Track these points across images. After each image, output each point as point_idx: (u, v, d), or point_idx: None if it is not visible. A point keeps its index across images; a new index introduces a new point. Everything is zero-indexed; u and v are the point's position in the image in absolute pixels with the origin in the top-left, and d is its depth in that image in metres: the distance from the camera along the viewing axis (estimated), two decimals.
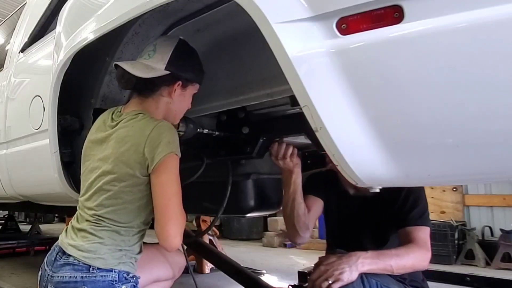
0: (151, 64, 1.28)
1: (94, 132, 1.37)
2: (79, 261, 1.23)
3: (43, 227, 6.02)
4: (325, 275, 1.29)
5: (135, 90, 1.35)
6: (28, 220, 8.09)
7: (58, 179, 1.78)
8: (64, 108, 1.69)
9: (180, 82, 1.33)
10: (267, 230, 5.40)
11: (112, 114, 1.36)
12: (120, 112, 1.35)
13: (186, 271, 1.68)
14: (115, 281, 1.23)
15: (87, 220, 1.28)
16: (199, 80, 1.40)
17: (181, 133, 1.50)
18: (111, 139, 1.29)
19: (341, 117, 0.83)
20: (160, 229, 1.20)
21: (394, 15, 0.76)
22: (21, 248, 4.46)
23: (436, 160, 0.84)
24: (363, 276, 1.31)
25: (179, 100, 1.36)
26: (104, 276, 1.22)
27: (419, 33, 0.74)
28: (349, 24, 0.80)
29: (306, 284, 2.44)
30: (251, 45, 1.37)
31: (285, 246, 5.07)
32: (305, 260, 4.08)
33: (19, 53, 2.58)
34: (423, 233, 1.45)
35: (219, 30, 1.43)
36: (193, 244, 2.74)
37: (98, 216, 1.26)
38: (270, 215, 5.15)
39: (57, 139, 1.70)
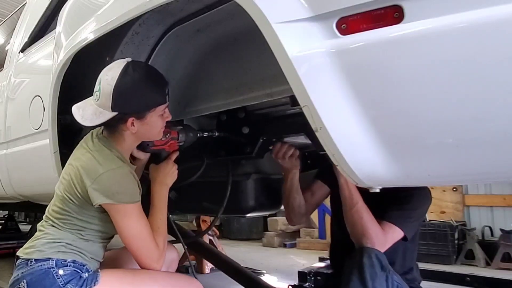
0: (99, 108, 1.24)
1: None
2: (21, 259, 1.29)
3: None
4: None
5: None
6: (28, 220, 8.09)
7: (58, 179, 1.78)
8: (64, 108, 1.69)
9: (132, 118, 1.26)
10: (267, 230, 5.39)
11: (95, 133, 1.37)
12: (101, 133, 1.36)
13: (186, 271, 1.68)
14: (52, 267, 1.24)
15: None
16: (156, 104, 1.28)
17: (181, 143, 1.50)
18: (77, 157, 1.32)
19: (341, 117, 0.83)
20: (136, 261, 1.30)
21: (394, 15, 0.76)
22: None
23: (436, 160, 0.84)
24: (388, 276, 1.31)
25: (144, 129, 1.30)
26: (41, 265, 1.25)
27: (419, 33, 0.74)
28: (349, 24, 0.80)
29: (307, 284, 2.44)
30: (251, 45, 1.37)
31: (285, 246, 5.07)
32: (305, 260, 4.08)
33: (19, 53, 2.58)
34: (392, 231, 1.43)
35: (219, 30, 1.43)
36: (193, 244, 2.73)
37: (48, 217, 1.35)
38: (270, 215, 5.14)
39: (57, 139, 1.71)
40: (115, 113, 1.23)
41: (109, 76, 1.23)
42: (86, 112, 1.26)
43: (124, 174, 1.27)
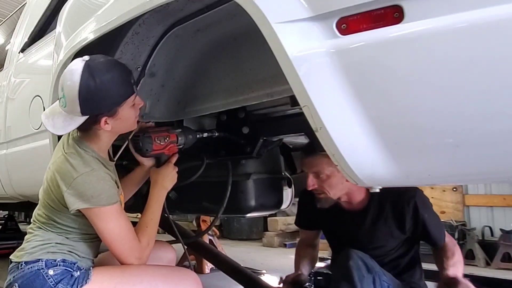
0: (69, 114, 1.22)
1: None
2: (13, 262, 1.29)
3: None
4: None
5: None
6: (28, 220, 8.09)
7: None
8: None
9: (105, 118, 1.24)
10: (267, 230, 5.39)
11: (71, 135, 1.35)
12: (77, 135, 1.34)
13: None
14: (42, 268, 1.24)
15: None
16: (125, 97, 1.25)
17: (181, 146, 1.51)
18: (54, 160, 1.32)
19: (341, 117, 0.83)
20: (117, 259, 1.29)
21: (394, 15, 0.76)
22: None
23: (436, 160, 0.84)
24: (375, 278, 1.32)
25: (118, 124, 1.28)
26: (31, 267, 1.25)
27: (419, 33, 0.74)
28: (349, 24, 0.80)
29: (307, 284, 2.44)
30: (251, 45, 1.37)
31: (285, 246, 5.07)
32: None
33: (19, 53, 2.58)
34: (449, 239, 1.64)
35: (219, 30, 1.42)
36: (193, 244, 2.73)
37: (35, 220, 1.37)
38: (270, 215, 5.14)
39: (57, 139, 1.70)
40: (86, 117, 1.22)
41: (70, 81, 1.18)
42: (56, 120, 1.23)
43: (99, 176, 1.25)
